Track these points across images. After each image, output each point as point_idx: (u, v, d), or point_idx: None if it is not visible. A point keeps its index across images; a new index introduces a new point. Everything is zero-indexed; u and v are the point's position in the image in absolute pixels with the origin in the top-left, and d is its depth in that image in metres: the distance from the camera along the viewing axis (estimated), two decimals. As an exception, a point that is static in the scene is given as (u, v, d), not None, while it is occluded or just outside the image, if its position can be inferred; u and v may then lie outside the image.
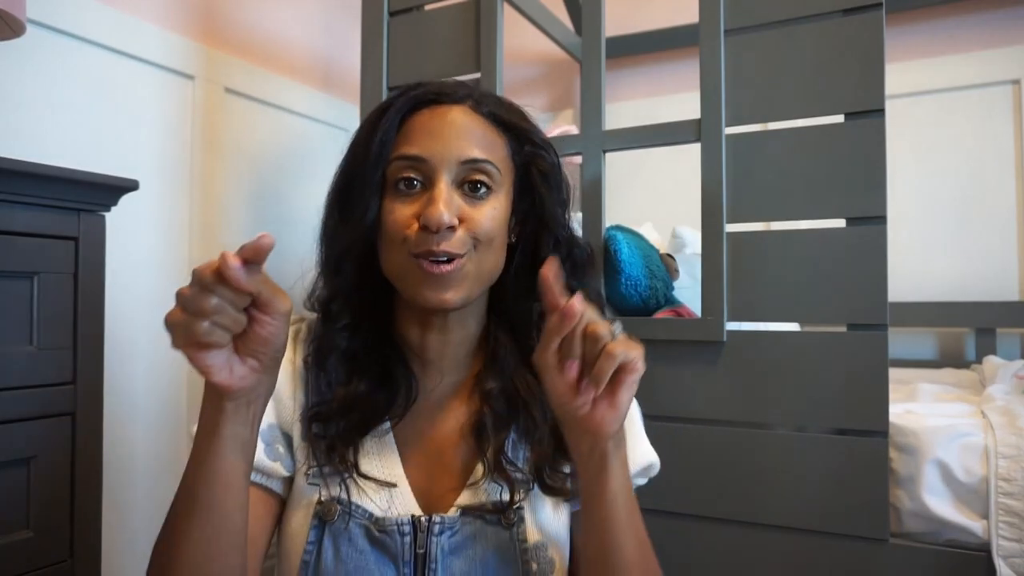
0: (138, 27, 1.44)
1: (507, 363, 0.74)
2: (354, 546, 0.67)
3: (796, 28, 1.01)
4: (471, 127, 0.69)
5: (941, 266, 1.83)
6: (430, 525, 0.67)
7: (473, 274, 0.68)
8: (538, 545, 0.69)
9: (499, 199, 0.70)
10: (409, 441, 0.73)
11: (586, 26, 1.22)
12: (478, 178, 0.68)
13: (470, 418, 0.73)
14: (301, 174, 1.88)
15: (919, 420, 1.00)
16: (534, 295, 0.71)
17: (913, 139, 1.85)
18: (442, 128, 0.68)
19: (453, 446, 0.72)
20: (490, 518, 0.68)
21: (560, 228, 0.74)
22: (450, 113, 0.70)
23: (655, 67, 2.18)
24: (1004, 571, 0.88)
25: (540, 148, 0.73)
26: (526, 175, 0.73)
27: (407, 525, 0.67)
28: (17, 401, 0.87)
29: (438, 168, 0.67)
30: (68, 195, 0.92)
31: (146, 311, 1.46)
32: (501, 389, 0.73)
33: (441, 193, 0.66)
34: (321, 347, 0.73)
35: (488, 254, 0.69)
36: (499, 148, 0.71)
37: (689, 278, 1.33)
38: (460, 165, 0.68)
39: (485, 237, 0.68)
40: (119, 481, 1.38)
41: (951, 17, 1.86)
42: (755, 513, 1.00)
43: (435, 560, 0.66)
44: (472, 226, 0.67)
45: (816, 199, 0.98)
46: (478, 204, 0.68)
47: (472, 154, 0.68)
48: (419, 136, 0.69)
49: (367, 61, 1.30)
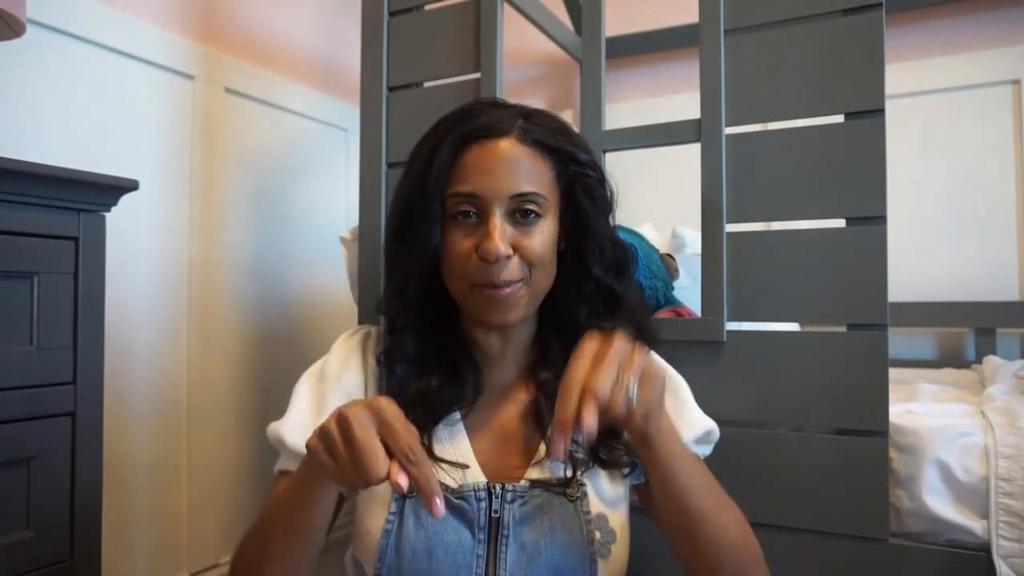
0: (138, 27, 1.44)
1: (557, 357, 0.80)
2: None
3: (796, 28, 1.01)
4: (519, 160, 0.75)
5: (941, 266, 1.83)
6: (503, 493, 0.73)
7: (529, 295, 0.76)
8: (600, 516, 0.75)
9: (547, 222, 0.77)
10: (476, 428, 0.80)
11: (586, 26, 1.22)
12: (528, 207, 0.75)
13: (528, 405, 0.80)
14: (301, 174, 1.88)
15: (919, 420, 1.00)
16: (582, 299, 0.80)
17: (913, 139, 1.85)
18: (492, 165, 0.74)
19: (516, 429, 0.80)
20: (555, 491, 0.74)
21: (603, 238, 0.80)
22: (498, 148, 0.75)
23: (655, 67, 2.18)
24: (1004, 571, 0.88)
25: (584, 167, 0.79)
26: (571, 191, 0.79)
27: (483, 491, 0.73)
28: (17, 401, 0.87)
29: (491, 203, 0.74)
30: (68, 195, 0.92)
31: (146, 311, 1.46)
32: (553, 379, 0.78)
33: (496, 227, 0.73)
34: (390, 351, 0.81)
35: (541, 275, 0.77)
36: (545, 174, 0.77)
37: (689, 278, 1.33)
38: (511, 199, 0.74)
39: (538, 261, 0.75)
40: (119, 481, 1.39)
41: (951, 17, 1.86)
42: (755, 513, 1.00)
43: (507, 527, 0.72)
44: (525, 253, 0.74)
45: (816, 199, 0.98)
46: (529, 230, 0.75)
47: (521, 189, 0.74)
48: (472, 174, 0.74)
49: (367, 61, 1.30)
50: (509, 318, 0.75)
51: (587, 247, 0.79)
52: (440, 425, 0.78)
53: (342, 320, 1.95)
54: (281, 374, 1.76)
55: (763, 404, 1.00)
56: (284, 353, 1.79)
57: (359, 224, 1.29)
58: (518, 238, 0.74)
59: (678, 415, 0.81)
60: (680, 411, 0.82)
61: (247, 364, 1.69)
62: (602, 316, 0.80)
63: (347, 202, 2.02)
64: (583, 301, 0.81)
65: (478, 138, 0.75)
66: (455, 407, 0.79)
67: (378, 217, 1.26)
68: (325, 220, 1.94)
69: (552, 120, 0.80)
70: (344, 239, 1.41)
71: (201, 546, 1.56)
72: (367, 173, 1.29)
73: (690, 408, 0.84)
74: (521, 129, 0.76)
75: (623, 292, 0.81)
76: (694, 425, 0.82)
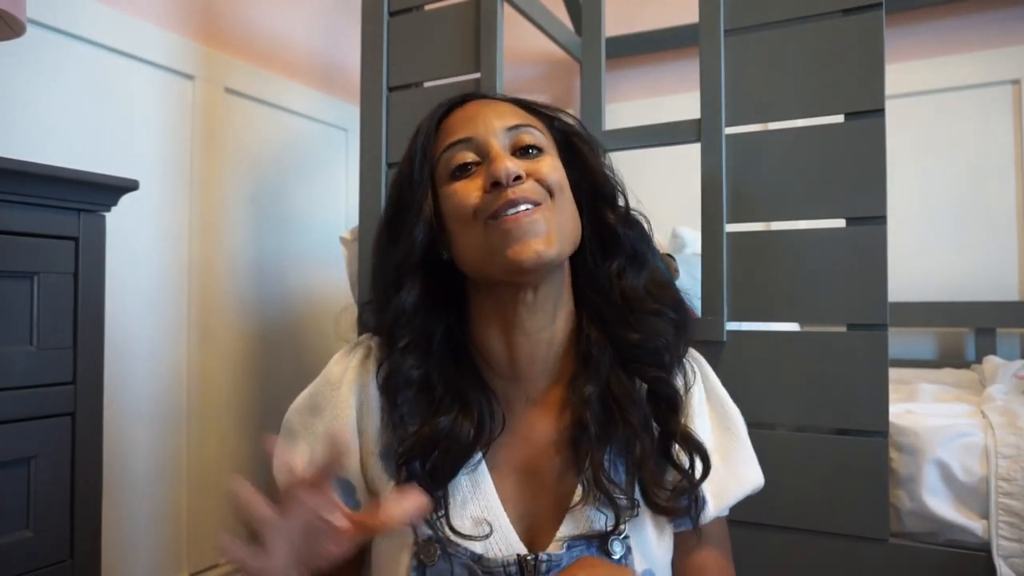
0: (138, 27, 1.44)
1: (603, 361, 0.70)
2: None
3: (796, 28, 1.01)
4: (503, 107, 0.72)
5: (941, 266, 1.83)
6: (536, 564, 0.63)
7: (556, 224, 0.65)
8: (647, 573, 0.66)
9: (554, 157, 0.71)
10: (503, 467, 0.68)
11: (586, 26, 1.22)
12: (528, 141, 0.69)
13: (564, 430, 0.69)
14: (301, 174, 1.88)
15: (919, 420, 1.00)
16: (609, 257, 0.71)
17: (913, 139, 1.85)
18: (477, 112, 0.71)
19: (548, 461, 0.69)
20: (596, 548, 0.64)
21: (614, 192, 0.74)
22: (479, 102, 0.73)
23: (655, 67, 2.17)
24: (1004, 571, 0.88)
25: (569, 125, 0.76)
26: (569, 145, 0.74)
27: (513, 566, 0.63)
28: (17, 401, 0.87)
29: (488, 139, 0.68)
30: (68, 195, 0.92)
31: (146, 311, 1.46)
32: (599, 395, 0.68)
33: (499, 153, 0.66)
34: (391, 376, 0.69)
35: (564, 204, 0.68)
36: (535, 120, 0.73)
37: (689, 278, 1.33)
38: (506, 132, 0.69)
39: (556, 185, 0.67)
40: (119, 481, 1.39)
41: (951, 17, 1.86)
42: (755, 513, 1.00)
43: None
44: (539, 176, 0.67)
45: (816, 199, 0.98)
46: (537, 160, 0.68)
47: (514, 121, 0.70)
48: (460, 125, 0.70)
49: (367, 61, 1.30)
50: (539, 248, 0.63)
51: (600, 203, 0.72)
52: (461, 474, 0.67)
53: (342, 320, 1.95)
54: (281, 374, 1.76)
55: (763, 404, 1.00)
56: (284, 353, 1.79)
57: (359, 224, 1.29)
58: (527, 165, 0.67)
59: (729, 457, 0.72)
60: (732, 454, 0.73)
61: (247, 364, 1.69)
62: (632, 273, 0.71)
63: (347, 202, 2.02)
64: (611, 256, 0.71)
65: (458, 104, 0.74)
66: (475, 448, 0.67)
67: (378, 217, 1.26)
68: (325, 220, 1.94)
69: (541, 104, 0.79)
70: (344, 239, 1.41)
71: (201, 546, 1.56)
72: (367, 173, 1.29)
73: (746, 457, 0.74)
74: (499, 96, 0.77)
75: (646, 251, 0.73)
76: (747, 482, 0.73)
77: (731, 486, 0.71)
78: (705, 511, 0.70)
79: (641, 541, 0.67)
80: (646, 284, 0.72)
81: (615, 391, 0.69)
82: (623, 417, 0.68)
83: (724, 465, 0.72)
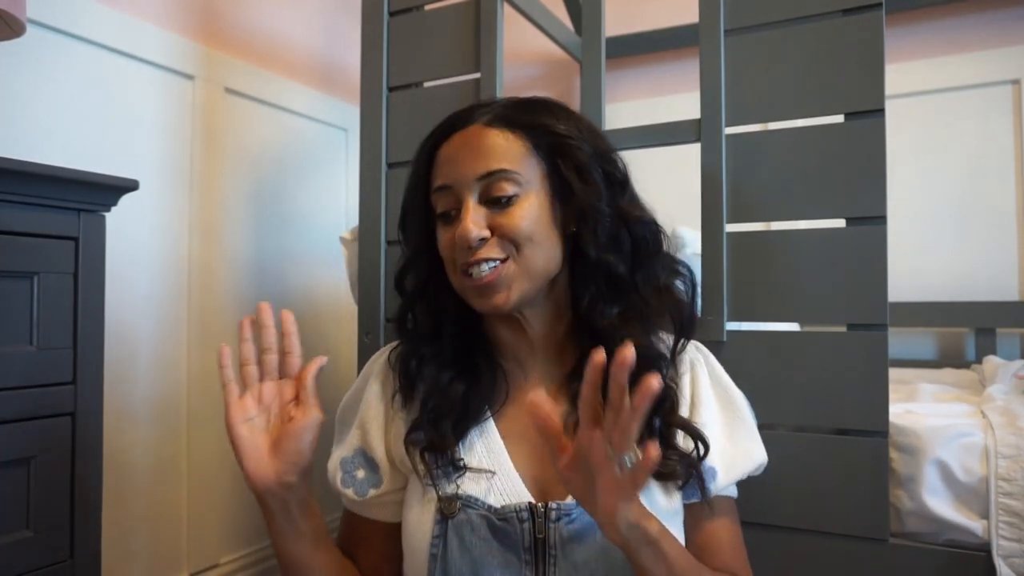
0: (138, 27, 1.44)
1: None
2: (477, 535, 0.70)
3: (796, 28, 1.01)
4: (484, 141, 0.73)
5: (941, 266, 1.83)
6: (547, 511, 0.69)
7: (520, 274, 0.72)
8: None
9: (530, 199, 0.73)
10: (513, 433, 0.76)
11: (586, 26, 1.22)
12: (498, 192, 0.72)
13: (566, 414, 0.74)
14: (301, 174, 1.88)
15: (919, 420, 1.00)
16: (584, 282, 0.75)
17: (913, 139, 1.85)
18: (458, 153, 0.74)
19: None
20: None
21: (599, 211, 0.74)
22: (463, 135, 0.75)
23: (655, 67, 2.18)
24: (1004, 571, 0.88)
25: (563, 137, 0.74)
26: (555, 168, 0.75)
27: (525, 512, 0.69)
28: (17, 401, 0.87)
29: (461, 191, 0.73)
30: (68, 195, 0.92)
31: (146, 311, 1.46)
32: None
33: (468, 212, 0.72)
34: (408, 355, 0.79)
35: (533, 251, 0.72)
36: (519, 150, 0.73)
37: (689, 278, 1.33)
38: (477, 182, 0.72)
39: (522, 237, 0.72)
40: (119, 481, 1.39)
41: (951, 17, 1.86)
42: (755, 513, 1.00)
43: (555, 547, 0.68)
44: (503, 232, 0.72)
45: (816, 199, 0.98)
46: (506, 210, 0.72)
47: (487, 168, 0.72)
48: (443, 166, 0.75)
49: (367, 61, 1.30)
50: (496, 301, 0.72)
51: (582, 225, 0.74)
52: (471, 430, 0.75)
53: (342, 320, 1.95)
54: (281, 374, 1.76)
55: (763, 404, 1.00)
56: (284, 353, 1.79)
57: (359, 224, 1.29)
58: (494, 218, 0.72)
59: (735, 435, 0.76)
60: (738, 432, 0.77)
61: (247, 364, 1.69)
62: (606, 300, 0.74)
63: (347, 202, 2.02)
64: (584, 286, 0.75)
65: (446, 134, 0.76)
66: (484, 409, 0.76)
67: (378, 217, 1.26)
68: (325, 220, 1.94)
69: (534, 101, 0.78)
70: (344, 239, 1.41)
71: (201, 546, 1.56)
72: (367, 173, 1.29)
73: (750, 434, 0.78)
74: (487, 113, 0.75)
75: (626, 273, 0.75)
76: (752, 458, 0.77)
77: (739, 460, 0.76)
78: (716, 481, 0.74)
79: (650, 503, 0.70)
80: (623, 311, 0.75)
81: None
82: None
83: (731, 443, 0.77)
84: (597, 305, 0.75)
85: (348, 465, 0.80)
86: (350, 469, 0.79)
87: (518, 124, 0.74)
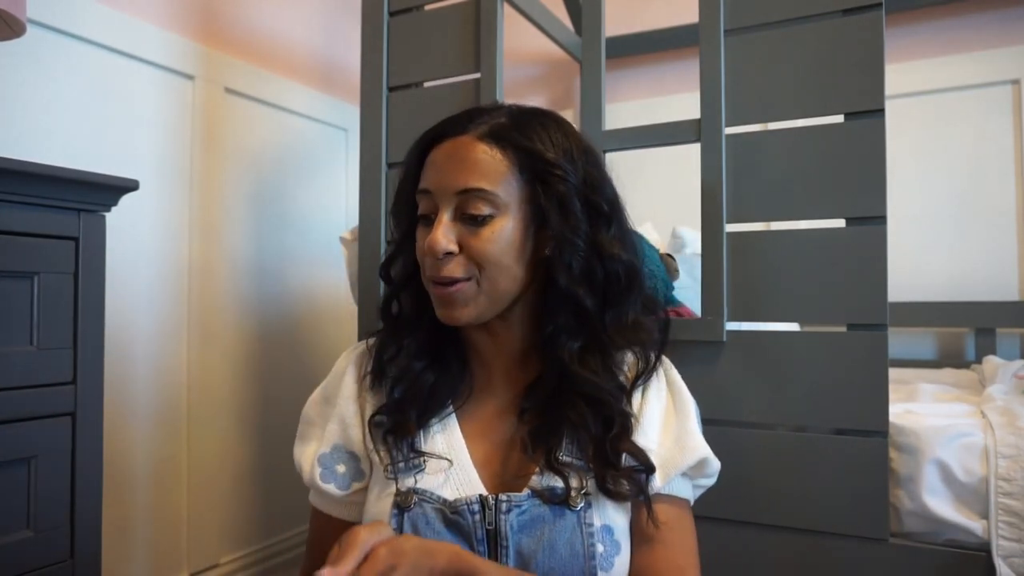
0: (138, 27, 1.44)
1: (549, 382, 0.75)
2: (431, 528, 0.71)
3: (796, 28, 1.01)
4: (471, 155, 0.73)
5: (941, 266, 1.83)
6: (497, 503, 0.71)
7: (481, 294, 0.74)
8: (605, 528, 0.72)
9: (503, 221, 0.73)
10: (473, 428, 0.78)
11: (586, 26, 1.22)
12: (474, 210, 0.72)
13: (522, 425, 0.76)
14: (301, 174, 1.88)
15: (919, 420, 1.00)
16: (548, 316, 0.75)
17: (913, 139, 1.85)
18: (444, 162, 0.74)
19: (513, 440, 0.77)
20: (557, 500, 0.71)
21: (571, 247, 0.73)
22: (452, 145, 0.74)
23: (655, 67, 2.18)
24: (1004, 571, 0.88)
25: (550, 166, 0.73)
26: (537, 194, 0.74)
27: (476, 504, 0.71)
28: (17, 401, 0.87)
29: (440, 200, 0.74)
30: (68, 195, 0.92)
31: (146, 311, 1.46)
32: (535, 411, 0.76)
33: (440, 223, 0.72)
34: (386, 341, 0.80)
35: (498, 274, 0.73)
36: (504, 171, 0.73)
37: (689, 278, 1.33)
38: (456, 196, 0.73)
39: (487, 261, 0.72)
40: (119, 481, 1.39)
41: (951, 17, 1.86)
42: (755, 513, 1.00)
43: (505, 537, 0.70)
44: (471, 252, 0.72)
45: (816, 199, 0.98)
46: (478, 230, 0.72)
47: (467, 184, 0.72)
48: (430, 170, 0.76)
49: (367, 61, 1.30)
50: (455, 315, 0.73)
51: (555, 251, 0.73)
52: (434, 419, 0.77)
53: (342, 320, 1.95)
54: (281, 374, 1.76)
55: (763, 404, 1.00)
56: (284, 353, 1.79)
57: (359, 224, 1.29)
58: (465, 236, 0.72)
59: (677, 435, 0.77)
60: (680, 431, 0.77)
61: (247, 364, 1.69)
62: (570, 332, 0.75)
63: (347, 202, 2.02)
64: (549, 315, 0.75)
65: (439, 137, 0.76)
66: (447, 400, 0.78)
67: (378, 217, 1.26)
68: (325, 220, 1.94)
69: (533, 117, 0.77)
70: (344, 239, 1.41)
71: (201, 546, 1.56)
72: (367, 173, 1.29)
73: (691, 431, 0.78)
74: (482, 125, 0.74)
75: (594, 308, 0.75)
76: (690, 451, 0.76)
77: (675, 457, 0.76)
78: (652, 481, 0.74)
79: (600, 501, 0.73)
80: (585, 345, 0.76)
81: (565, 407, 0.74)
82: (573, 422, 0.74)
83: (674, 443, 0.77)
84: (560, 336, 0.75)
85: (327, 461, 0.79)
86: (329, 464, 0.79)
87: (509, 143, 0.73)
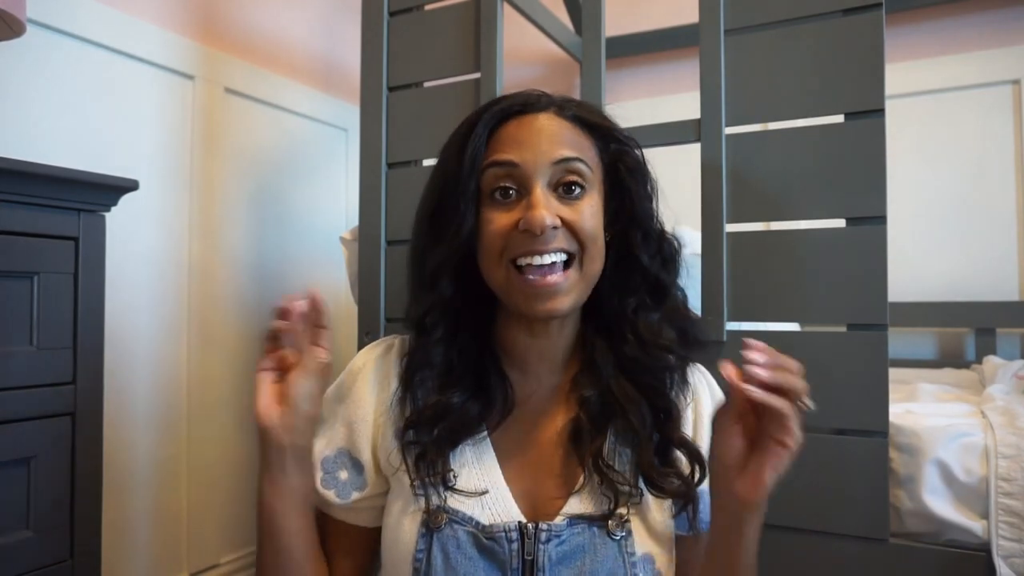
0: (138, 27, 1.44)
1: (605, 368, 0.73)
2: (463, 552, 0.67)
3: (796, 28, 1.01)
4: (559, 130, 0.71)
5: (941, 266, 1.83)
6: (537, 532, 0.67)
7: (580, 280, 0.70)
8: (646, 557, 0.69)
9: (593, 197, 0.71)
10: (508, 448, 0.73)
11: (586, 26, 1.22)
12: (572, 179, 0.69)
13: (567, 423, 0.73)
14: (301, 174, 1.88)
15: (919, 420, 1.00)
16: (629, 290, 0.73)
17: (913, 139, 1.85)
18: (531, 135, 0.70)
19: (553, 451, 0.73)
20: (597, 527, 0.68)
21: (650, 222, 0.74)
22: (537, 120, 0.71)
23: (655, 67, 2.18)
24: (1004, 571, 0.88)
25: (625, 144, 0.74)
26: (614, 172, 0.74)
27: (514, 532, 0.67)
28: (17, 401, 0.87)
29: (532, 173, 0.68)
30: (68, 195, 0.92)
31: (146, 311, 1.46)
32: (598, 395, 0.72)
33: (539, 197, 0.67)
34: (413, 361, 0.74)
35: (594, 255, 0.70)
36: (587, 148, 0.72)
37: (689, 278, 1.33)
38: (553, 166, 0.69)
39: (589, 237, 0.69)
40: (119, 481, 1.39)
41: (951, 17, 1.86)
42: (755, 513, 1.00)
43: (543, 569, 0.66)
44: (574, 226, 0.68)
45: (816, 199, 0.98)
46: (575, 204, 0.69)
47: (563, 153, 0.69)
48: (510, 145, 0.70)
49: (367, 61, 1.30)
50: (555, 306, 0.68)
51: (633, 232, 0.73)
52: (466, 445, 0.72)
53: (342, 320, 1.95)
54: (281, 374, 1.76)
55: (763, 404, 1.00)
56: (284, 353, 1.79)
57: (359, 224, 1.29)
58: (563, 211, 0.68)
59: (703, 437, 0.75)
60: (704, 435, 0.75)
61: (247, 364, 1.69)
62: (649, 308, 0.73)
63: (347, 202, 2.02)
64: (630, 291, 0.73)
65: (516, 113, 0.72)
66: (482, 424, 0.72)
67: (378, 217, 1.26)
68: (325, 220, 1.94)
69: (591, 104, 0.78)
70: (344, 239, 1.41)
71: (201, 546, 1.56)
72: (367, 173, 1.29)
73: None
74: (558, 105, 0.74)
75: (669, 283, 0.75)
76: None
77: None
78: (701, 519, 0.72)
79: (643, 528, 0.70)
80: (662, 316, 0.74)
81: (617, 394, 0.72)
82: (623, 416, 0.71)
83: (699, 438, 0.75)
84: (640, 312, 0.73)
85: (330, 465, 0.76)
86: (332, 469, 0.76)
87: (586, 124, 0.73)
